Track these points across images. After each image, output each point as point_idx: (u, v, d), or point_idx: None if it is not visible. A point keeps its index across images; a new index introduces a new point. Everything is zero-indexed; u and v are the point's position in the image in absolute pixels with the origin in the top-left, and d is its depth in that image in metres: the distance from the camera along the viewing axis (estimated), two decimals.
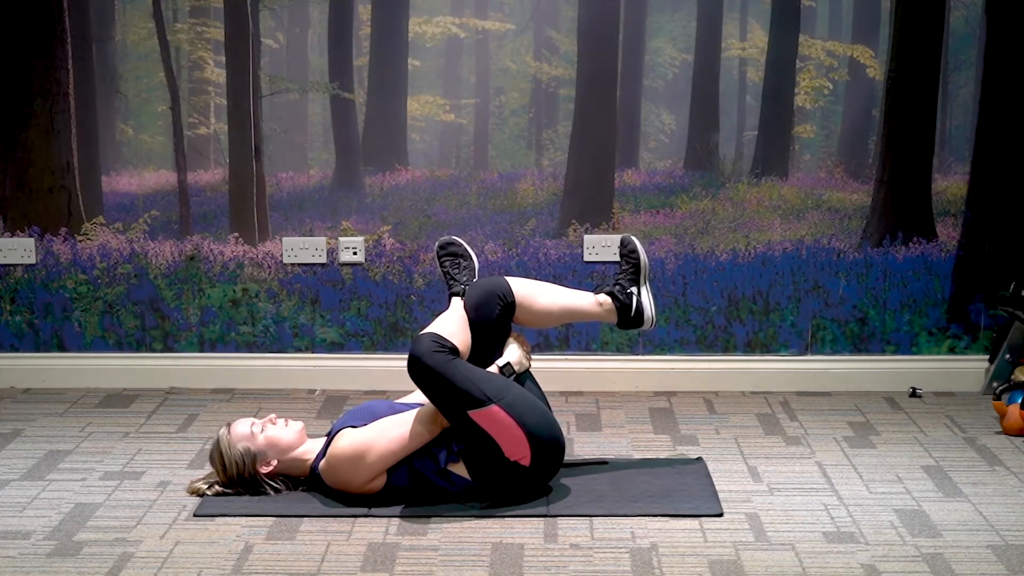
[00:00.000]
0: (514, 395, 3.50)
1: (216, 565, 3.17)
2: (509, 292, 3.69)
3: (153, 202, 4.81)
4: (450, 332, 3.54)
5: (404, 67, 4.72)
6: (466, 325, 3.61)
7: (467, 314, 3.65)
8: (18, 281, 4.83)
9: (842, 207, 4.75)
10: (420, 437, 3.52)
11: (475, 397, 3.43)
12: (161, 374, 4.84)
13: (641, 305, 3.79)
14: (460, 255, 3.85)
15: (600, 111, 4.72)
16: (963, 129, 4.69)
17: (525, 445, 3.47)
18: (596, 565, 3.17)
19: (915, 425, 4.34)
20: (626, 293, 3.79)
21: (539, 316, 3.76)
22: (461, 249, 3.87)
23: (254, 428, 3.62)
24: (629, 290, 3.79)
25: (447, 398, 3.45)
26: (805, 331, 4.79)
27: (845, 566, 3.15)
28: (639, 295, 3.79)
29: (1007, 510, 3.53)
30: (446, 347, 3.47)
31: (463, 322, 3.61)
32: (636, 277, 3.80)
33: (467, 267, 3.83)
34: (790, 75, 4.71)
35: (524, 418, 3.47)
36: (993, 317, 4.74)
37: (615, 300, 3.79)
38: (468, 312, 3.65)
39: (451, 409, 3.45)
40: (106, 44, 4.73)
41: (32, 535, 3.38)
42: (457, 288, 3.76)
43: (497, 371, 3.61)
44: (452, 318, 3.62)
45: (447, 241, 3.88)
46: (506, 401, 3.46)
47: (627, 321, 3.80)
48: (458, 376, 3.44)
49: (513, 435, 3.46)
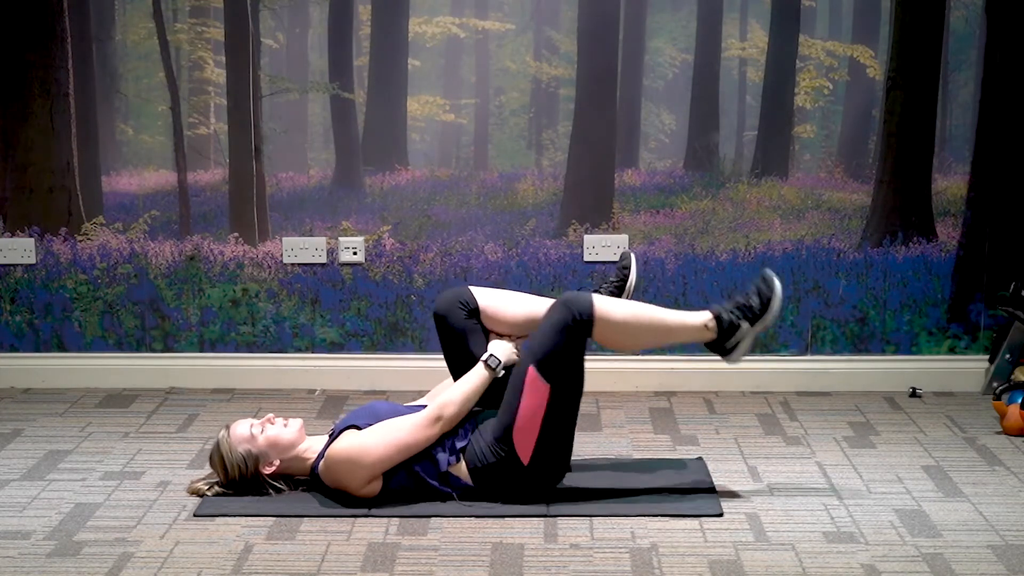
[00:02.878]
0: (568, 395, 3.49)
1: (216, 565, 3.17)
2: (472, 299, 3.69)
3: (153, 202, 4.81)
4: None
5: (404, 67, 4.72)
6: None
7: (437, 326, 3.70)
8: (18, 281, 4.83)
9: (842, 207, 4.75)
10: (420, 443, 3.50)
11: (547, 358, 3.44)
12: (161, 374, 4.84)
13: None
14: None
15: (600, 111, 4.72)
16: (963, 129, 4.69)
17: (533, 439, 3.48)
18: (596, 565, 3.17)
19: (915, 425, 4.34)
20: (734, 322, 3.69)
21: (508, 322, 3.70)
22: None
23: (254, 430, 3.61)
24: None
25: (553, 342, 3.45)
26: (805, 331, 4.79)
27: (845, 566, 3.15)
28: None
29: (1007, 510, 3.53)
30: (587, 313, 3.48)
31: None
32: (619, 294, 3.78)
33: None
34: (790, 75, 4.71)
35: (551, 418, 3.47)
36: (993, 317, 4.74)
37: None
38: (437, 324, 3.69)
39: (538, 351, 3.46)
40: (106, 44, 4.73)
41: (32, 535, 3.37)
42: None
43: (482, 364, 3.60)
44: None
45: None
46: (557, 390, 3.45)
47: (720, 347, 3.66)
48: (562, 339, 3.45)
49: (534, 419, 3.46)
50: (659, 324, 3.58)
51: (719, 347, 3.59)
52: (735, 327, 3.55)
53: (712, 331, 3.57)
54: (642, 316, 3.57)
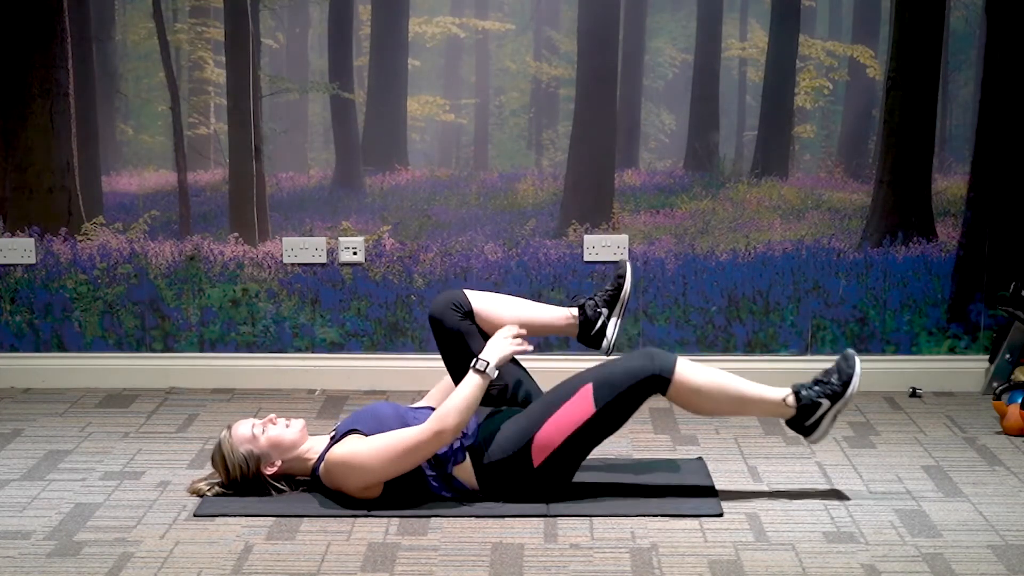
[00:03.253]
0: (603, 428, 3.53)
1: (216, 565, 3.17)
2: (466, 301, 3.70)
3: (153, 202, 4.81)
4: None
5: (404, 67, 4.72)
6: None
7: (433, 329, 3.72)
8: (18, 281, 4.83)
9: (842, 207, 4.75)
10: (422, 455, 3.46)
11: (609, 389, 3.48)
12: (161, 374, 4.84)
13: (604, 328, 3.75)
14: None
15: (600, 111, 4.72)
16: (963, 129, 4.69)
17: (552, 448, 3.49)
18: (596, 565, 3.17)
19: (915, 425, 4.34)
20: (596, 311, 3.77)
21: (503, 326, 3.67)
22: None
23: (255, 430, 3.60)
24: (600, 309, 3.77)
25: (621, 382, 3.50)
26: (805, 331, 4.79)
27: (845, 566, 3.15)
28: (607, 318, 3.76)
29: (1007, 510, 3.53)
30: (668, 373, 3.53)
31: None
32: (612, 302, 3.78)
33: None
34: (790, 75, 4.71)
35: (578, 437, 3.50)
36: (993, 317, 4.74)
37: (582, 312, 3.75)
38: (433, 327, 3.72)
39: (605, 377, 3.51)
40: (106, 44, 4.73)
41: (32, 535, 3.37)
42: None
43: (471, 370, 3.51)
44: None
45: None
46: (598, 418, 3.49)
47: (586, 338, 3.77)
48: (631, 385, 3.50)
49: (562, 431, 3.48)
50: (737, 395, 3.58)
51: (799, 425, 3.60)
52: (815, 405, 3.56)
53: (791, 407, 3.57)
54: (721, 385, 3.57)
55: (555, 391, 3.58)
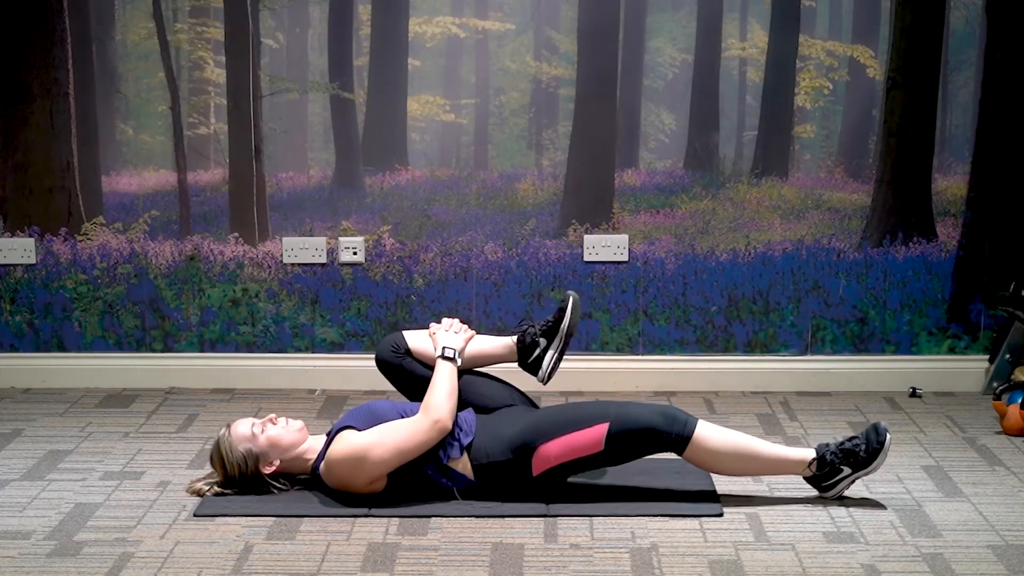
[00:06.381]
0: (605, 462, 3.56)
1: (216, 565, 3.17)
2: (403, 342, 3.77)
3: (153, 202, 4.81)
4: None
5: (404, 67, 4.72)
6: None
7: (380, 371, 3.82)
8: (18, 281, 4.83)
9: (842, 207, 4.75)
10: (420, 446, 3.50)
11: (623, 435, 3.50)
12: (161, 374, 4.84)
13: (541, 359, 3.75)
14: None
15: (600, 111, 4.72)
16: (963, 129, 4.69)
17: (551, 465, 3.52)
18: (596, 565, 3.17)
19: (915, 425, 4.34)
20: (534, 339, 3.76)
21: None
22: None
23: (255, 429, 3.61)
24: (538, 339, 3.76)
25: (638, 432, 3.53)
26: (805, 331, 4.79)
27: (845, 566, 3.15)
28: (544, 349, 3.75)
29: (1007, 510, 3.53)
30: (686, 436, 3.55)
31: None
32: (552, 333, 3.76)
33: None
34: (790, 75, 4.71)
35: (579, 464, 3.53)
36: (993, 317, 4.74)
37: (519, 341, 3.77)
38: (380, 369, 3.82)
39: (622, 422, 3.52)
40: (106, 44, 4.73)
41: (32, 535, 3.38)
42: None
43: (439, 359, 3.66)
44: None
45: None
46: (603, 455, 3.52)
47: (525, 365, 3.79)
48: (645, 438, 3.53)
49: (566, 454, 3.51)
50: (756, 456, 3.59)
51: (816, 484, 3.62)
52: (837, 470, 3.57)
53: (812, 470, 3.59)
54: (740, 447, 3.58)
55: (574, 410, 3.61)
